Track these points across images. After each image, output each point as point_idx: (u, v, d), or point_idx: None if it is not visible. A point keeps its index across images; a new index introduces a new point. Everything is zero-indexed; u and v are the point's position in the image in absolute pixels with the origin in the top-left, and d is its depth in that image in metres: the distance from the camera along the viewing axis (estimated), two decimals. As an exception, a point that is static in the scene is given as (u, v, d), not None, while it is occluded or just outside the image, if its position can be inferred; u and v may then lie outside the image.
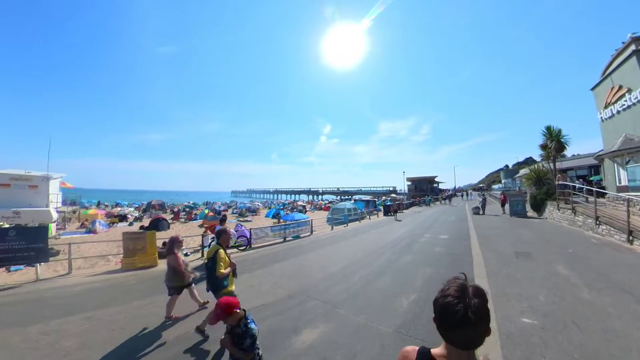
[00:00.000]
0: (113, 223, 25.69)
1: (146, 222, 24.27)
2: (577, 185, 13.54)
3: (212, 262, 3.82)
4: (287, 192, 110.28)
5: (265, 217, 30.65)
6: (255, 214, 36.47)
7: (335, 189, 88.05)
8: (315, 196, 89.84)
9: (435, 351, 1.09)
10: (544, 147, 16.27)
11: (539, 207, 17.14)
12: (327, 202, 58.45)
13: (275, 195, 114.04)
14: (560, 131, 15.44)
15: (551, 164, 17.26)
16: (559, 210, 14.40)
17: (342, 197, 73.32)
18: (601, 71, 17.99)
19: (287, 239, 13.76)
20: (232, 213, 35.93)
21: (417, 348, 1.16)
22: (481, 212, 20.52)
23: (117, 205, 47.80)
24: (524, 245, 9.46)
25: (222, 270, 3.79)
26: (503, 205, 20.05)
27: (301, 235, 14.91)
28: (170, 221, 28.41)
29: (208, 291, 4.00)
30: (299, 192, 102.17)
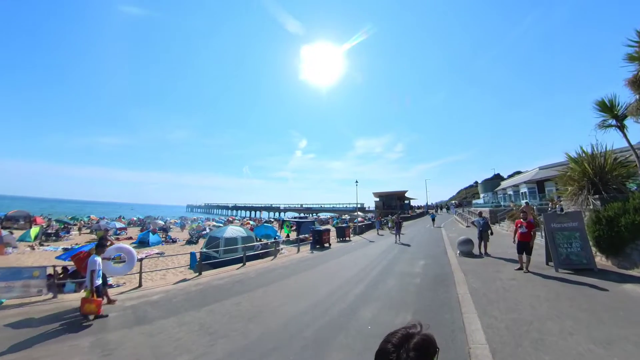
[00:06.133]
0: None
1: None
2: None
3: None
4: (246, 208, 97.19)
5: (133, 243, 18.86)
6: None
7: (299, 205, 76.83)
8: (275, 213, 77.85)
9: None
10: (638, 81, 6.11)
11: (622, 247, 7.08)
12: (272, 220, 46.89)
13: (235, 212, 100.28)
14: None
15: None
16: None
17: (304, 215, 62.86)
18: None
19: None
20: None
21: None
22: (478, 250, 10.18)
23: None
24: None
25: None
26: (525, 248, 7.22)
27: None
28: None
29: None
30: (259, 209, 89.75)
